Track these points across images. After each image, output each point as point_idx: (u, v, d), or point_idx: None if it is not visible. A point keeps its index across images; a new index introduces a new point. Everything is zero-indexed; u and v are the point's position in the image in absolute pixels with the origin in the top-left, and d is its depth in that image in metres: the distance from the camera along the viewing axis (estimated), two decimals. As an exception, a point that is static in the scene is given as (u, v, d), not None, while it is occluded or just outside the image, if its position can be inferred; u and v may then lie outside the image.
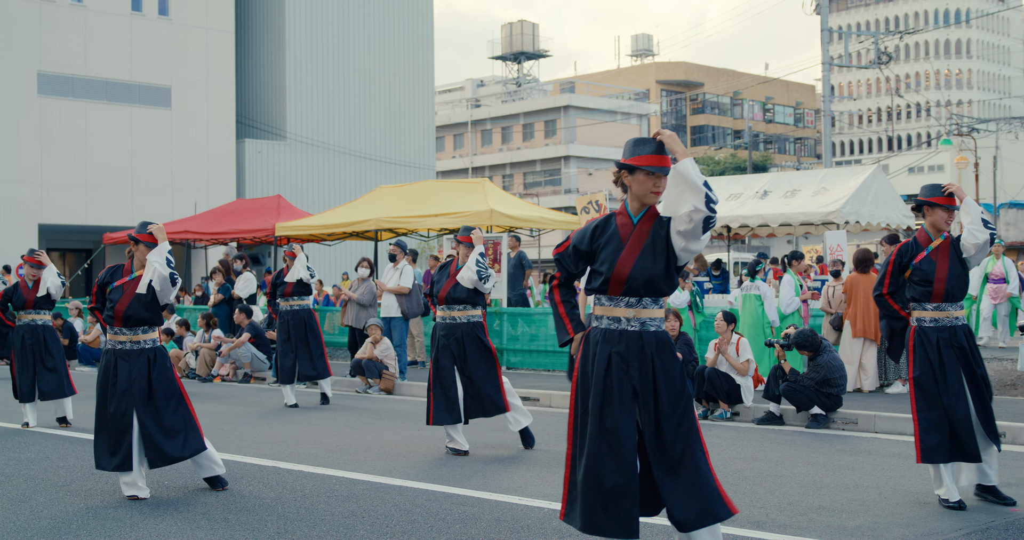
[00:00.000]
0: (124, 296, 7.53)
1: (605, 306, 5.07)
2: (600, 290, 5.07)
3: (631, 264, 4.99)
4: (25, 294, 11.28)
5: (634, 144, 5.10)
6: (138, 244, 7.64)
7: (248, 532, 6.43)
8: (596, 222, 5.20)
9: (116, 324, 7.53)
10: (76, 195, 36.97)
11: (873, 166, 21.21)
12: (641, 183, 5.06)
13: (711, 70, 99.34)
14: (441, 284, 9.47)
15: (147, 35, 38.78)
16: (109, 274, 7.73)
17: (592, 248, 5.13)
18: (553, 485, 7.80)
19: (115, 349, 7.55)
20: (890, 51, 38.00)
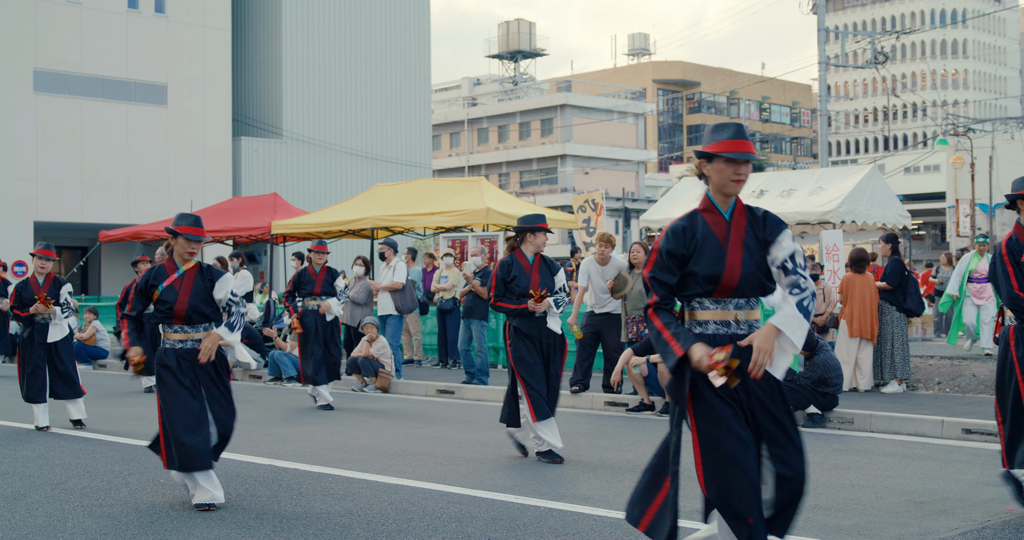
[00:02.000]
0: (180, 294, 7.22)
1: (710, 309, 4.76)
2: (702, 294, 4.75)
3: (739, 264, 4.71)
4: (36, 291, 11.00)
5: (712, 131, 4.80)
6: (177, 237, 7.29)
7: (244, 530, 6.42)
8: (680, 224, 4.81)
9: (176, 322, 7.24)
10: (72, 193, 36.92)
11: (869, 166, 21.22)
12: (720, 171, 4.73)
13: (707, 69, 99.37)
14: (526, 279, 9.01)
15: (143, 33, 38.73)
16: (152, 275, 7.32)
17: (687, 250, 4.74)
18: (549, 483, 7.80)
19: (176, 349, 7.24)
20: (886, 51, 38.05)
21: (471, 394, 14.26)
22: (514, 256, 9.10)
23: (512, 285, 8.98)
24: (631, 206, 60.80)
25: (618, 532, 6.28)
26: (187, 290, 7.23)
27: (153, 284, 7.28)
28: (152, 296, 7.28)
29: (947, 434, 10.22)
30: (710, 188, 4.82)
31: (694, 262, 4.71)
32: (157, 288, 7.25)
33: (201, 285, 7.27)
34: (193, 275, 7.29)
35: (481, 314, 14.88)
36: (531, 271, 9.01)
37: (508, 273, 9.00)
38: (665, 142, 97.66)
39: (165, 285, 7.25)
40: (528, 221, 9.08)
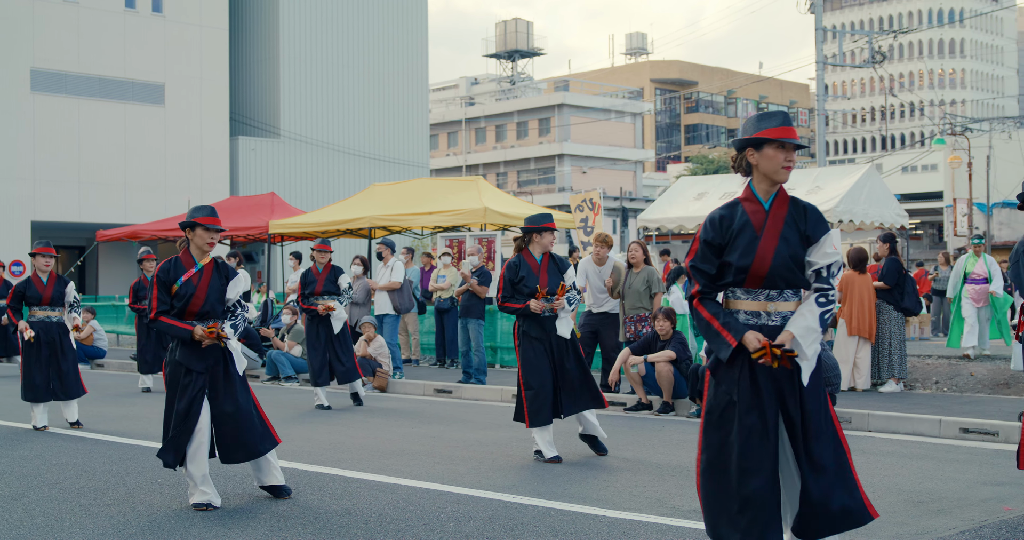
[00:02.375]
0: (198, 290, 7.11)
1: (741, 299, 4.76)
2: (734, 283, 4.75)
3: (771, 254, 4.67)
4: (40, 290, 10.88)
5: (757, 119, 4.78)
6: (195, 228, 7.18)
7: (242, 530, 6.42)
8: (720, 212, 4.80)
9: (188, 318, 7.12)
10: (69, 192, 36.90)
11: (867, 165, 21.23)
12: (771, 158, 4.70)
13: (705, 69, 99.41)
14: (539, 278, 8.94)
15: (141, 32, 38.71)
16: (170, 269, 7.16)
17: (724, 240, 4.73)
18: (547, 483, 7.80)
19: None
20: (884, 50, 38.05)
21: (469, 394, 14.25)
22: (521, 257, 9.00)
23: (520, 286, 8.88)
24: (629, 206, 60.80)
25: (616, 531, 6.28)
26: (204, 286, 7.12)
27: (171, 278, 7.13)
28: (171, 290, 7.14)
29: (945, 433, 10.23)
30: (754, 177, 4.80)
31: (729, 251, 4.70)
32: (175, 282, 7.11)
33: (217, 282, 7.18)
34: (211, 271, 7.19)
35: (478, 313, 14.87)
36: (539, 271, 8.92)
37: (516, 274, 8.92)
38: (663, 142, 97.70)
39: (183, 279, 7.11)
40: (534, 221, 9.01)
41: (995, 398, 12.35)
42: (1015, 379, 13.13)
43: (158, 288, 7.15)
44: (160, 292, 7.15)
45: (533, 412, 8.71)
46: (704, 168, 74.58)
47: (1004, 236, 49.65)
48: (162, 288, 7.14)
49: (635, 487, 7.66)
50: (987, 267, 15.03)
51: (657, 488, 7.61)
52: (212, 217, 7.20)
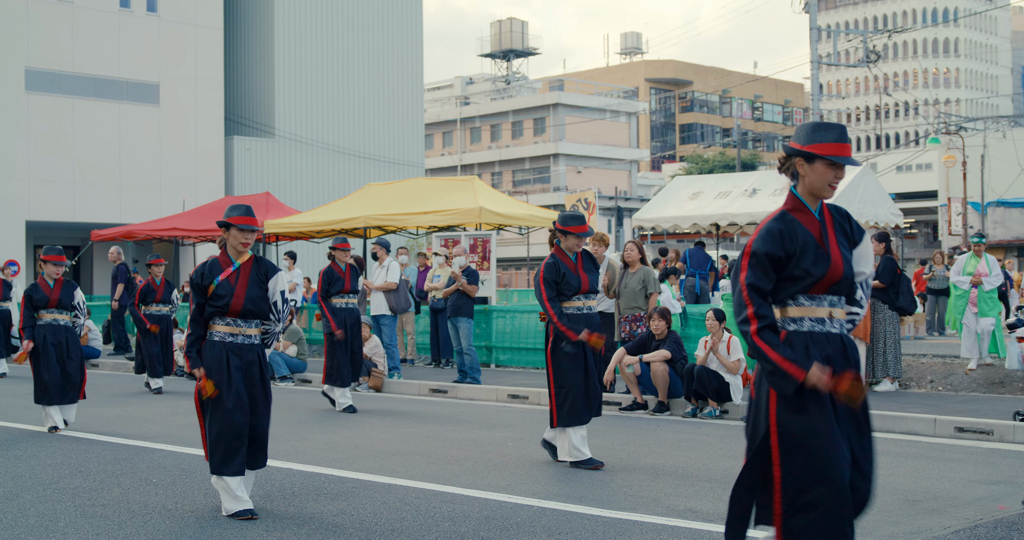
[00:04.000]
0: (237, 289, 6.93)
1: (806, 305, 4.53)
2: (797, 291, 4.52)
3: (841, 261, 4.53)
4: (48, 293, 10.81)
5: (813, 129, 4.58)
6: (230, 228, 7.02)
7: (237, 530, 6.41)
8: (775, 226, 4.54)
9: (228, 316, 6.95)
10: (64, 192, 36.84)
11: (861, 164, 21.25)
12: (821, 174, 4.55)
13: (700, 68, 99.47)
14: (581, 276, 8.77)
15: (135, 31, 38.66)
16: (207, 270, 7.00)
17: (788, 253, 4.50)
18: (542, 483, 7.80)
19: (225, 342, 6.95)
20: (878, 50, 38.08)
21: (464, 393, 14.25)
22: (556, 255, 8.77)
23: (563, 285, 8.66)
24: (624, 205, 60.81)
25: (611, 531, 6.28)
26: (243, 285, 6.98)
27: (208, 279, 6.98)
28: (207, 291, 6.98)
29: (939, 432, 10.24)
30: (799, 187, 4.65)
31: (795, 264, 4.50)
32: (212, 282, 6.95)
33: (256, 280, 7.02)
34: (248, 269, 7.03)
35: (467, 312, 14.87)
36: (577, 269, 8.73)
37: (557, 273, 8.67)
38: (658, 141, 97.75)
39: (220, 279, 6.96)
40: (561, 222, 8.81)
41: (990, 397, 12.36)
42: (1010, 378, 13.16)
43: (192, 290, 7.05)
44: (193, 292, 7.04)
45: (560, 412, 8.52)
46: (699, 168, 74.70)
47: (998, 235, 49.71)
48: (196, 291, 7.01)
49: (630, 487, 7.66)
50: (988, 268, 14.26)
51: (652, 488, 7.62)
52: (247, 217, 7.04)
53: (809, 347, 4.46)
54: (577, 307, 8.74)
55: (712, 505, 7.01)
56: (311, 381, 16.07)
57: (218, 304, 6.94)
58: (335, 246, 12.87)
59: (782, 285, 4.54)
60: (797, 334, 4.50)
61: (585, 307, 8.78)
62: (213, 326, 7.01)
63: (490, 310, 17.66)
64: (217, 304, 6.94)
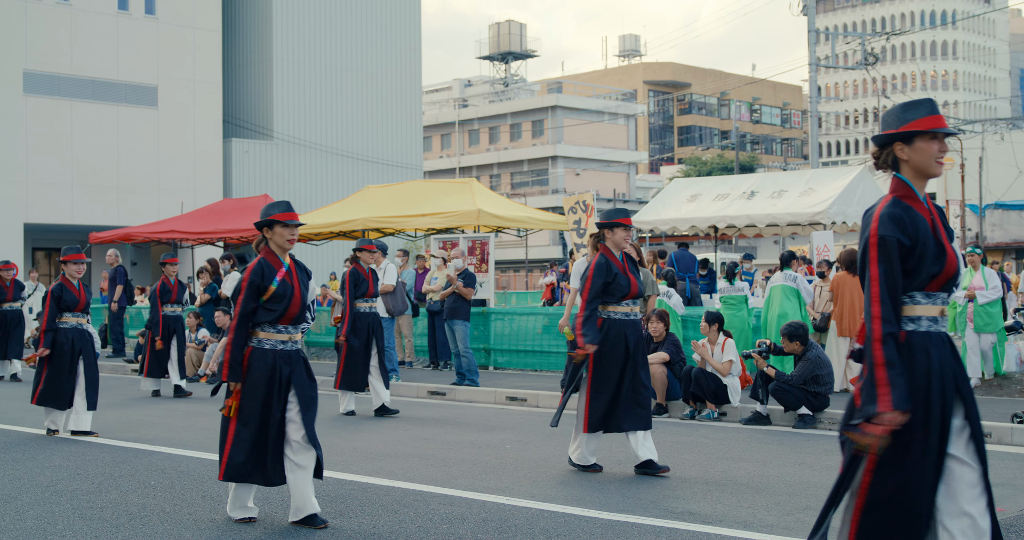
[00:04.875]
0: (295, 292, 6.62)
1: (922, 304, 4.24)
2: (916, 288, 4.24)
3: (955, 257, 4.28)
4: (76, 295, 10.62)
5: (902, 110, 4.37)
6: (273, 227, 6.69)
7: (234, 533, 6.41)
8: (896, 211, 4.22)
9: (281, 322, 6.61)
10: (62, 195, 36.85)
11: (860, 167, 21.27)
12: (924, 151, 4.29)
13: (698, 70, 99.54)
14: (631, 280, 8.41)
15: (134, 34, 38.68)
16: (263, 271, 6.59)
17: (912, 242, 4.21)
18: (540, 485, 7.80)
19: (276, 350, 6.62)
20: (876, 52, 38.10)
21: (462, 396, 14.25)
22: (606, 255, 8.37)
23: (613, 288, 8.26)
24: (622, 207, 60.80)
25: (609, 533, 6.28)
26: (298, 286, 6.66)
27: (269, 279, 6.57)
28: (267, 292, 6.57)
29: (938, 434, 10.22)
30: (905, 172, 4.36)
31: (918, 257, 4.21)
32: (272, 283, 6.56)
33: (303, 280, 6.73)
34: (295, 270, 6.74)
35: (463, 315, 14.86)
36: (625, 270, 8.34)
37: (609, 273, 8.25)
38: (656, 143, 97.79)
39: (279, 279, 6.59)
40: (606, 217, 8.44)
41: (988, 399, 12.36)
42: (1007, 380, 13.16)
43: (247, 292, 6.57)
44: (248, 296, 6.57)
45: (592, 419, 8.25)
46: (697, 170, 74.73)
47: (996, 238, 49.70)
48: (253, 292, 6.57)
49: (628, 489, 7.66)
50: (985, 281, 13.33)
51: (650, 490, 7.62)
52: (289, 212, 6.72)
53: (929, 349, 4.18)
54: (624, 312, 8.37)
55: (710, 507, 7.01)
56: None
57: (277, 307, 6.57)
58: (361, 247, 12.43)
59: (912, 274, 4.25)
60: (916, 334, 4.21)
61: (632, 313, 8.44)
62: (259, 333, 6.64)
63: (488, 312, 17.66)
64: (276, 307, 6.57)
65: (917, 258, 4.20)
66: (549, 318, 17.09)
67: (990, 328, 13.27)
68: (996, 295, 13.23)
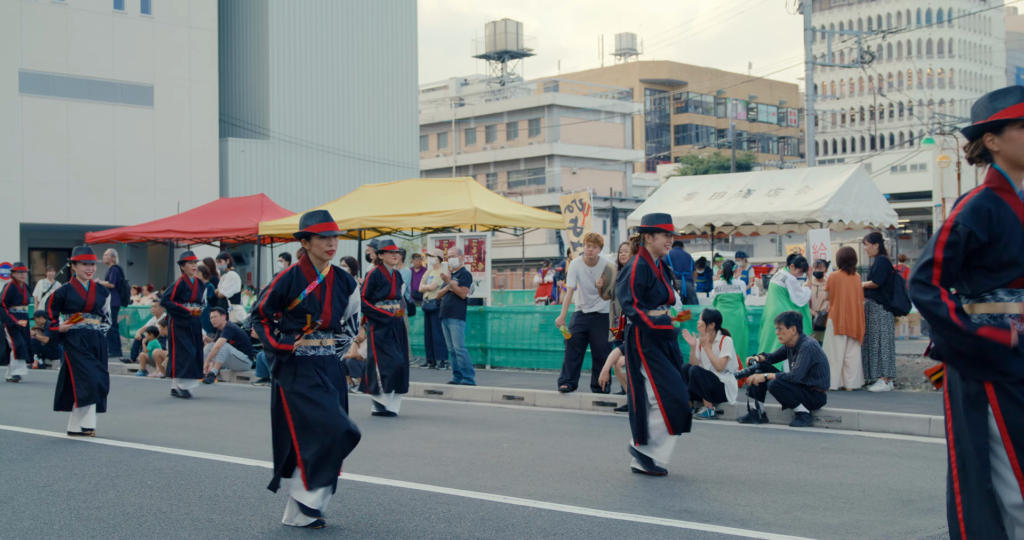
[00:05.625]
0: (325, 305, 6.55)
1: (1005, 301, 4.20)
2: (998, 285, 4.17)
3: None
4: (83, 296, 10.53)
5: (990, 100, 4.26)
6: (311, 238, 6.59)
7: (232, 533, 6.40)
8: (983, 204, 4.13)
9: (321, 328, 6.57)
10: (58, 194, 36.81)
11: (856, 165, 21.28)
12: (1015, 140, 4.16)
13: (694, 69, 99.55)
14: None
15: (129, 33, 38.64)
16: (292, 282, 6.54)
17: (990, 236, 4.11)
18: (538, 484, 7.80)
19: (308, 356, 6.53)
20: (873, 50, 38.16)
21: (459, 394, 14.25)
22: (645, 259, 8.23)
23: (652, 293, 8.13)
24: (618, 206, 60.87)
25: (607, 532, 6.28)
26: (330, 300, 6.59)
27: (295, 292, 6.54)
28: (290, 304, 6.55)
29: (934, 432, 10.25)
30: (1000, 162, 4.23)
31: (1001, 251, 4.11)
32: (298, 296, 6.52)
33: (338, 294, 6.65)
34: (332, 282, 6.65)
35: (459, 314, 14.86)
36: (662, 277, 8.22)
37: (648, 278, 8.12)
38: (652, 142, 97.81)
39: (307, 293, 6.54)
40: (647, 221, 8.28)
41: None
42: (1004, 378, 13.16)
43: (269, 300, 6.56)
44: (271, 303, 6.57)
45: (673, 420, 8.06)
46: (694, 168, 74.72)
47: (992, 235, 49.80)
48: (276, 301, 6.56)
49: (625, 487, 7.67)
50: None
51: (647, 488, 7.62)
52: (326, 223, 6.63)
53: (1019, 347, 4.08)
54: (661, 317, 8.24)
55: (707, 505, 7.02)
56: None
57: (304, 319, 6.52)
58: (384, 248, 12.22)
59: (982, 276, 4.19)
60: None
61: (667, 318, 8.30)
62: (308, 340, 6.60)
63: (485, 311, 17.65)
64: (303, 319, 6.53)
65: (997, 254, 4.12)
66: (546, 317, 17.10)
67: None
68: None
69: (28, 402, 14.14)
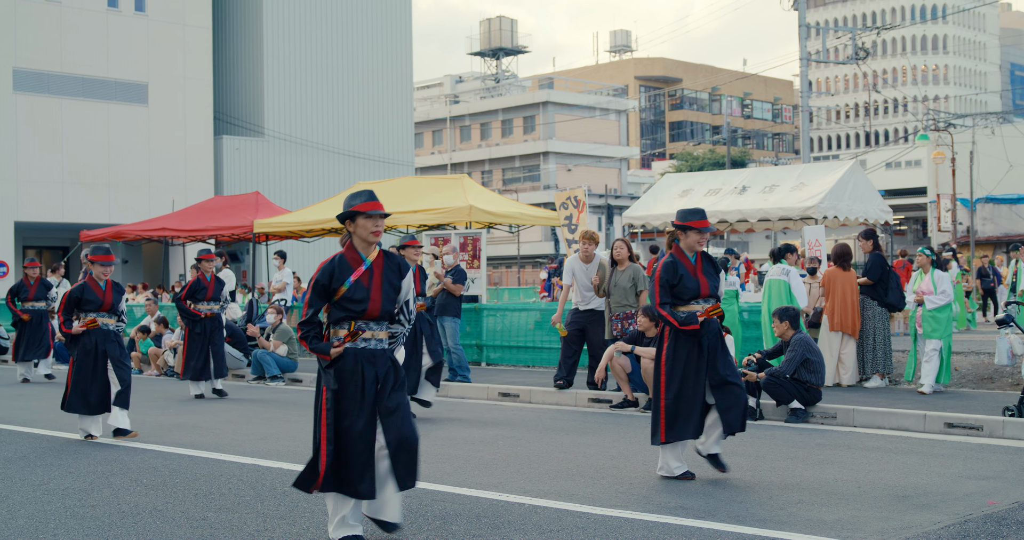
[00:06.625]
0: (373, 292, 6.05)
1: None
2: None
3: None
4: (100, 296, 10.35)
5: None
6: (355, 219, 6.10)
7: (228, 530, 6.40)
8: None
9: (363, 318, 6.06)
10: (53, 192, 36.76)
11: (851, 161, 21.31)
12: None
13: (689, 66, 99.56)
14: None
15: (123, 31, 38.58)
16: (335, 270, 6.04)
17: None
18: (534, 481, 7.80)
19: (356, 349, 6.05)
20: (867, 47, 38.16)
21: (455, 392, 14.24)
22: (675, 255, 8.05)
23: (679, 289, 7.95)
24: (614, 203, 60.86)
25: (602, 528, 6.28)
26: (378, 285, 6.11)
27: (339, 281, 6.04)
28: (336, 294, 6.06)
29: (929, 428, 10.27)
30: None
31: None
32: (344, 284, 6.04)
33: (389, 278, 6.15)
34: (381, 266, 6.14)
35: (453, 311, 14.83)
36: (696, 272, 8.02)
37: (674, 274, 7.94)
38: (647, 139, 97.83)
39: (352, 280, 6.05)
40: (680, 218, 8.11)
41: (979, 393, 12.39)
42: (999, 374, 13.19)
43: (313, 293, 6.09)
44: (315, 297, 6.08)
45: (670, 426, 7.87)
46: (689, 165, 74.75)
47: (987, 231, 49.84)
48: (320, 293, 6.06)
49: (621, 484, 7.67)
50: (934, 285, 12.55)
51: (643, 485, 7.63)
52: (372, 202, 6.12)
53: None
54: (695, 312, 7.99)
55: (702, 502, 7.02)
56: (302, 380, 16.05)
57: (352, 309, 6.04)
58: (406, 243, 11.78)
59: None
60: None
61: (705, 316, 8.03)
62: (338, 332, 6.11)
63: (480, 308, 17.65)
64: (350, 309, 6.05)
65: None
66: (541, 314, 17.10)
67: (936, 334, 12.46)
68: (944, 300, 12.54)
69: (23, 401, 14.13)
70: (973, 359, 14.07)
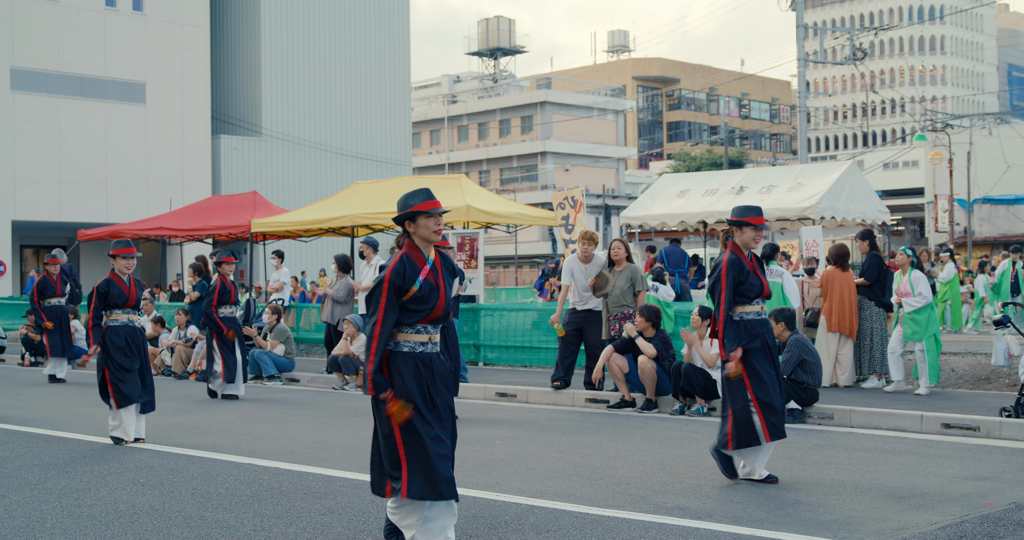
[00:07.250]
0: (441, 291, 5.92)
1: None
2: None
3: None
4: (127, 291, 10.15)
5: None
6: (415, 219, 5.95)
7: (225, 530, 6.40)
8: None
9: (421, 322, 5.88)
10: (50, 192, 36.74)
11: (848, 162, 21.31)
12: None
13: (687, 66, 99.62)
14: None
15: (121, 30, 38.57)
16: (405, 269, 5.83)
17: None
18: (531, 481, 7.80)
19: (415, 353, 5.85)
20: (865, 47, 38.18)
21: (452, 392, 14.23)
22: (736, 253, 7.88)
23: (746, 286, 7.79)
24: (611, 203, 60.86)
25: (599, 528, 6.29)
26: (444, 285, 5.97)
27: (411, 280, 5.82)
28: (406, 295, 5.82)
29: (926, 429, 10.27)
30: None
31: None
32: (415, 284, 5.82)
33: (447, 277, 6.04)
34: (440, 265, 6.01)
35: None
36: (755, 270, 7.88)
37: (741, 272, 7.78)
38: (645, 139, 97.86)
39: (421, 279, 5.85)
40: (736, 214, 7.94)
41: (976, 393, 12.40)
42: (996, 374, 13.20)
43: (388, 296, 5.78)
44: (391, 301, 5.78)
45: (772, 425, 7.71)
46: (686, 165, 74.81)
47: (985, 232, 49.89)
48: (395, 294, 5.79)
49: (618, 484, 7.67)
50: (911, 286, 12.40)
51: (640, 485, 7.63)
52: (431, 200, 5.98)
53: None
54: (756, 312, 7.89)
55: (700, 502, 7.02)
56: (299, 380, 16.04)
57: (420, 308, 5.85)
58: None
59: None
60: None
61: (764, 312, 7.98)
62: (398, 335, 5.86)
63: (478, 308, 17.65)
64: (419, 308, 5.84)
65: None
66: (539, 314, 17.09)
67: (917, 337, 12.35)
68: (922, 302, 12.37)
69: (19, 400, 14.11)
70: (970, 359, 14.09)
